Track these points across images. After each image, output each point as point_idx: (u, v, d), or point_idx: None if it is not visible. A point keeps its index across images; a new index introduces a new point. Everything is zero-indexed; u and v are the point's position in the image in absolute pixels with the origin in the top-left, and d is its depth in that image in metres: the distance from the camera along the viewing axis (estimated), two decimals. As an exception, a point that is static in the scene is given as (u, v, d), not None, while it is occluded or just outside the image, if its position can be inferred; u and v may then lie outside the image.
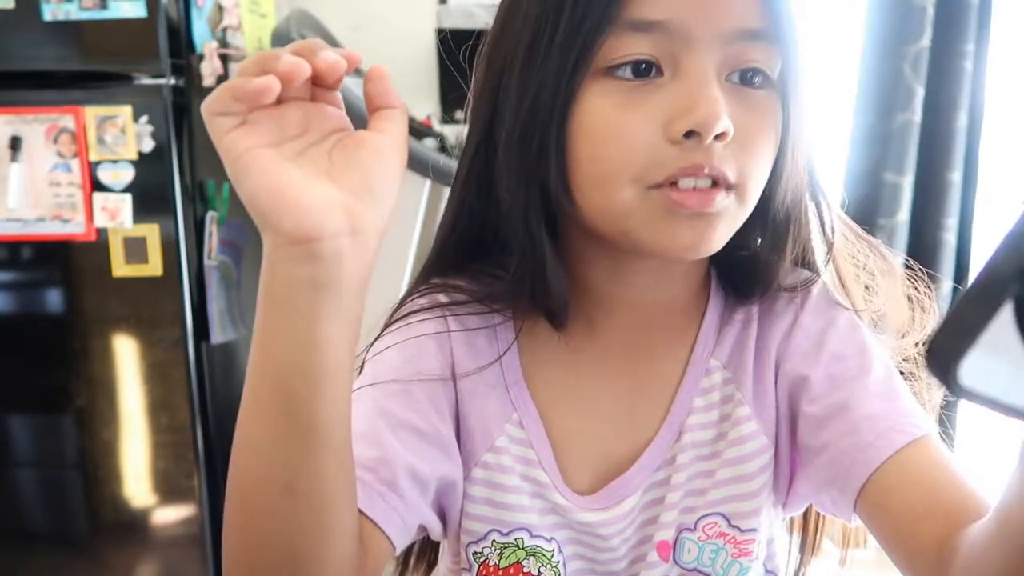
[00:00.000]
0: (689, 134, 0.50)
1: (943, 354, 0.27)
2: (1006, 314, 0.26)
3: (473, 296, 0.59)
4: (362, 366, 0.59)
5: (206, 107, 0.41)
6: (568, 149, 0.53)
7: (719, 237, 0.53)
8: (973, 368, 0.26)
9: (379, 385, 0.56)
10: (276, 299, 0.42)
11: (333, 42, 1.87)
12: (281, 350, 0.42)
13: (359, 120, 0.46)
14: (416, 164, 1.65)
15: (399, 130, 0.45)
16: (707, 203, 0.51)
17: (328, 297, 0.41)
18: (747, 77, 0.52)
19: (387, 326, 0.61)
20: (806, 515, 0.68)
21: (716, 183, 0.51)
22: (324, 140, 0.44)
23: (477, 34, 0.60)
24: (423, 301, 0.61)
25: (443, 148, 1.72)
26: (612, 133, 0.51)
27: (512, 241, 0.57)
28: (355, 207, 0.41)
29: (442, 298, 0.61)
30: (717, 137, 0.50)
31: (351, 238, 0.41)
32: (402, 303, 0.62)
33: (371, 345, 0.60)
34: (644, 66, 0.51)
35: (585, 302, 0.60)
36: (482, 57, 0.59)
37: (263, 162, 0.40)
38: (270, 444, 0.43)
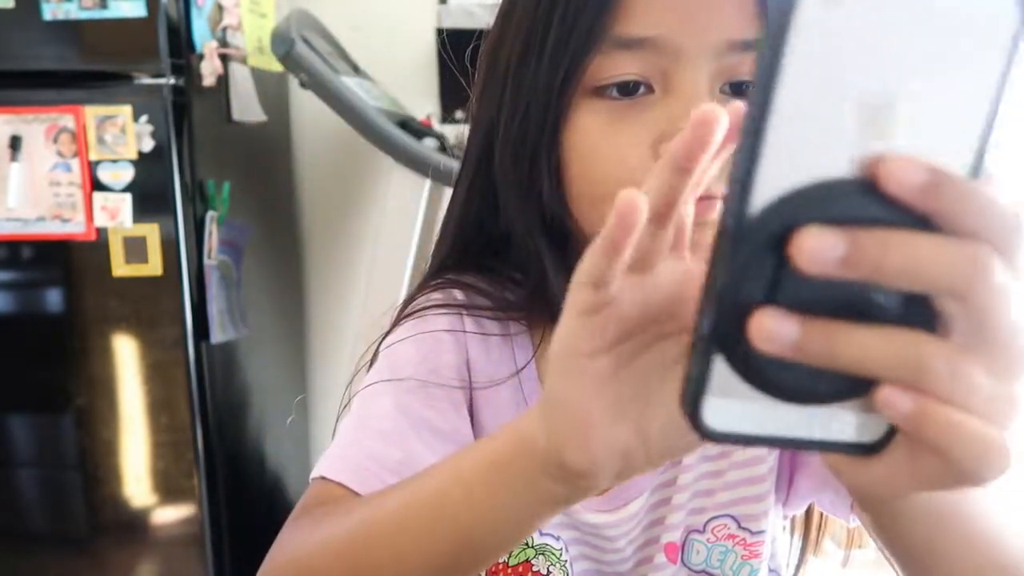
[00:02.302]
0: None
1: (685, 407, 0.28)
2: (720, 364, 0.27)
3: (491, 302, 0.59)
4: (374, 356, 0.59)
5: (578, 274, 0.33)
6: (561, 166, 0.53)
7: None
8: (718, 413, 0.28)
9: (397, 381, 0.56)
10: (508, 486, 0.38)
11: (333, 42, 1.87)
12: (486, 520, 0.39)
13: (361, 124, 0.45)
14: (416, 164, 1.65)
15: None
16: (707, 212, 0.50)
17: (557, 510, 0.39)
18: (741, 89, 0.51)
19: (400, 318, 0.60)
20: (808, 515, 0.68)
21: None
22: (661, 344, 0.35)
23: (478, 34, 0.60)
24: (438, 296, 0.60)
25: (443, 148, 1.72)
26: (602, 153, 0.50)
27: (520, 249, 0.57)
28: (636, 456, 0.35)
29: (458, 295, 0.60)
30: None
31: (612, 480, 0.36)
32: (414, 296, 0.61)
33: (385, 336, 0.60)
34: (632, 85, 0.50)
35: None
36: (481, 62, 0.58)
37: (587, 382, 0.33)
38: (420, 565, 0.41)
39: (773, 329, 0.26)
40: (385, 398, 0.55)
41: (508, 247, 0.59)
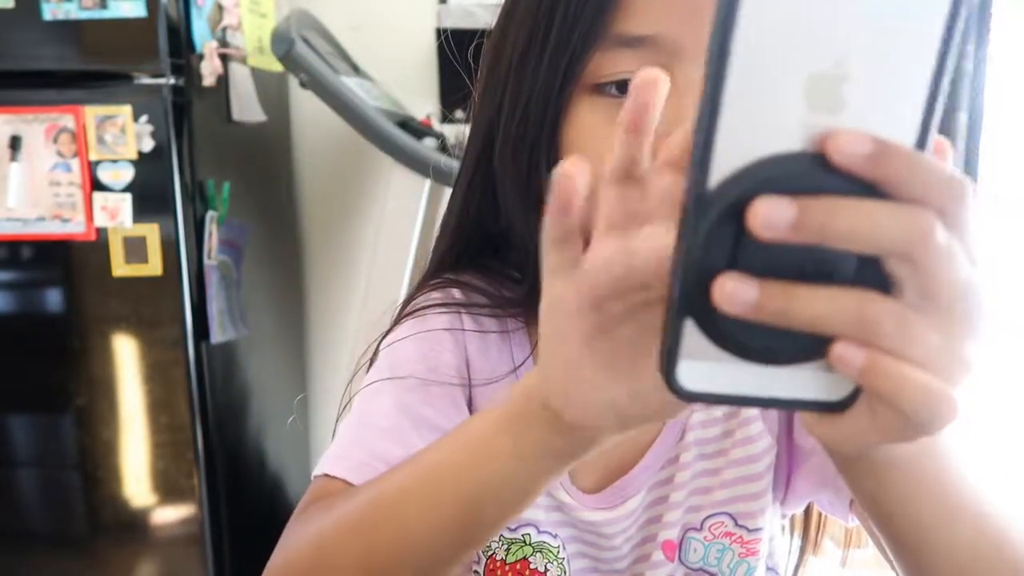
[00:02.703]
0: None
1: (662, 370, 0.30)
2: (690, 328, 0.29)
3: (489, 300, 0.59)
4: (374, 355, 0.60)
5: (543, 238, 0.35)
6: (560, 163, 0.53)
7: None
8: (692, 375, 0.30)
9: (397, 380, 0.56)
10: (512, 443, 0.39)
11: (333, 42, 1.87)
12: (492, 481, 0.40)
13: (361, 124, 0.45)
14: (416, 164, 1.65)
15: None
16: None
17: (562, 467, 0.39)
18: None
19: (399, 317, 0.61)
20: (807, 514, 0.68)
21: None
22: (645, 311, 0.35)
23: (479, 33, 0.60)
24: (437, 295, 0.60)
25: (443, 148, 1.72)
26: (600, 150, 0.50)
27: (519, 248, 0.57)
28: (632, 412, 0.36)
29: (457, 294, 0.60)
30: None
31: (612, 434, 0.37)
32: (413, 296, 0.62)
33: (384, 335, 0.60)
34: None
35: None
36: (484, 60, 0.59)
37: (574, 338, 0.34)
38: (426, 534, 0.41)
39: (734, 291, 0.28)
40: (385, 396, 0.55)
41: (507, 245, 0.59)
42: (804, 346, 0.29)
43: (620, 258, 0.33)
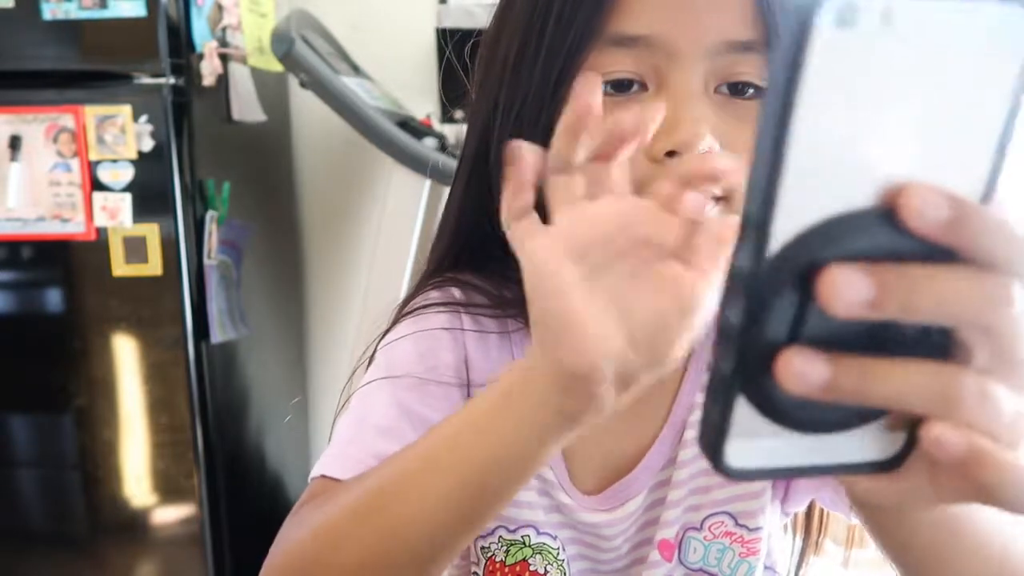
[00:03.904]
0: (671, 153, 0.48)
1: (707, 451, 0.28)
2: (742, 405, 0.27)
3: (488, 300, 0.59)
4: (372, 354, 0.59)
5: (507, 210, 0.38)
6: None
7: None
8: (741, 452, 0.28)
9: (395, 378, 0.56)
10: (517, 412, 0.39)
11: (333, 42, 1.87)
12: (498, 451, 0.39)
13: (361, 123, 0.45)
14: (416, 164, 1.65)
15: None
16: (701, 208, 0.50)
17: (566, 430, 0.39)
18: (737, 89, 0.50)
19: (398, 317, 0.61)
20: (809, 514, 0.68)
21: None
22: (634, 252, 0.36)
23: (478, 33, 0.60)
24: (436, 294, 0.60)
25: (443, 148, 1.72)
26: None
27: None
28: (629, 358, 0.35)
29: (456, 293, 0.60)
30: None
31: (615, 390, 0.36)
32: (414, 295, 0.62)
33: (383, 335, 0.60)
34: (626, 82, 0.50)
35: None
36: (480, 59, 0.59)
37: (564, 287, 0.35)
38: (430, 514, 0.41)
39: (803, 370, 0.25)
40: (383, 395, 0.55)
41: (505, 245, 0.59)
42: (864, 413, 0.27)
43: (582, 219, 0.36)
